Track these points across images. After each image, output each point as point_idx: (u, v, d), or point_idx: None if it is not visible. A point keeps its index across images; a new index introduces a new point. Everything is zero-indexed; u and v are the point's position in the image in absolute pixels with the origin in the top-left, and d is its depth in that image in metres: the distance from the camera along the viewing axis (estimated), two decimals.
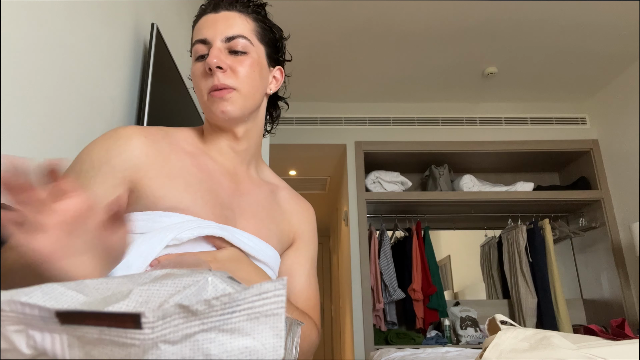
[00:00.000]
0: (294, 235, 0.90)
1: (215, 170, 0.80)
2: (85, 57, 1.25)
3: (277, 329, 0.23)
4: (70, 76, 1.17)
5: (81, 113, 1.23)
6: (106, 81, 1.39)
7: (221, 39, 0.78)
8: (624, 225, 3.21)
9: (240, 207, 0.80)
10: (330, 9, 2.62)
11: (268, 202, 0.86)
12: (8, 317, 0.24)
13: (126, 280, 0.28)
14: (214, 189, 0.77)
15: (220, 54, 0.77)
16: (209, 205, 0.74)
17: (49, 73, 1.07)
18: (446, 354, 1.70)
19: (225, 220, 0.75)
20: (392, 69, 3.22)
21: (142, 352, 0.23)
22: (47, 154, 1.07)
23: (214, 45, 0.78)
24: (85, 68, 1.25)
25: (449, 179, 3.52)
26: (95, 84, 1.31)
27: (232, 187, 0.81)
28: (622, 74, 3.26)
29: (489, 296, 3.67)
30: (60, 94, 1.13)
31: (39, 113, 1.04)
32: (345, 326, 3.92)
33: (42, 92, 1.05)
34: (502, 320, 0.55)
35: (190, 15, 2.31)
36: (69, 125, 1.16)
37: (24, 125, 0.98)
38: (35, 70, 1.02)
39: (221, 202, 0.76)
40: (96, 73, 1.32)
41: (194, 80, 0.81)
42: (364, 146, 3.53)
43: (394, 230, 3.63)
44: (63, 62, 1.14)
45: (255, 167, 0.89)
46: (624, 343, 0.46)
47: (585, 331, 0.60)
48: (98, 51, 1.33)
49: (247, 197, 0.82)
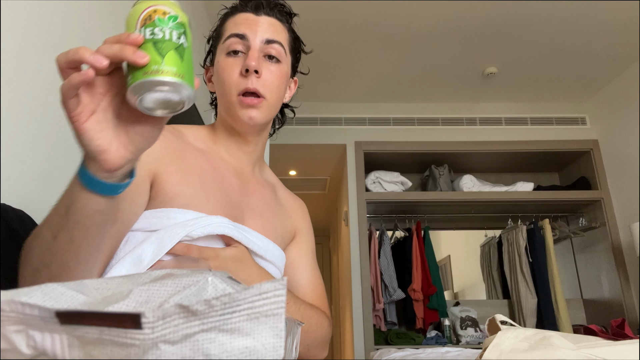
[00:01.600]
0: (295, 231, 0.93)
1: (225, 169, 0.81)
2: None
3: (277, 329, 0.23)
4: None
5: None
6: None
7: (261, 40, 0.79)
8: (624, 225, 3.21)
9: (249, 207, 0.81)
10: (330, 9, 2.61)
11: (272, 201, 0.88)
12: (8, 317, 0.24)
13: (126, 280, 0.28)
14: (224, 187, 0.78)
15: (260, 58, 0.78)
16: (220, 204, 0.75)
17: (49, 73, 1.07)
18: (446, 354, 1.70)
19: (234, 219, 0.76)
20: (392, 69, 3.22)
21: (142, 352, 0.23)
22: (47, 153, 1.07)
23: (253, 45, 0.78)
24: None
25: (449, 179, 3.52)
26: None
27: (240, 187, 0.82)
28: (622, 74, 3.26)
29: (489, 296, 3.67)
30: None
31: (39, 113, 1.04)
32: (345, 326, 3.92)
33: (42, 92, 1.05)
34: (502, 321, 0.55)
35: (190, 15, 2.31)
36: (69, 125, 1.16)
37: (24, 125, 0.98)
38: (35, 70, 1.02)
39: (231, 201, 0.78)
40: None
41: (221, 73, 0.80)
42: (364, 146, 3.53)
43: (394, 230, 3.63)
44: None
45: (259, 168, 0.91)
46: (624, 343, 0.46)
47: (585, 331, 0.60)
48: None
49: (254, 197, 0.84)
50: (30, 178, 1.00)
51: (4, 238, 0.64)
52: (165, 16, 0.47)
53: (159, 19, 0.46)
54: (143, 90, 0.45)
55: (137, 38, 0.44)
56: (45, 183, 1.05)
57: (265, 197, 0.87)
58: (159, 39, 0.45)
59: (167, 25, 0.46)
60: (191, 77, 0.47)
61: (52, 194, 1.08)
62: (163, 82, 0.44)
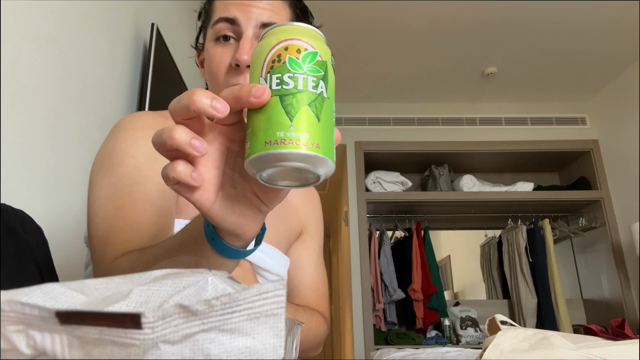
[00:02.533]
0: (301, 229, 0.87)
1: None
2: (86, 57, 1.25)
3: (277, 329, 0.23)
4: (70, 76, 1.17)
5: (81, 113, 1.23)
6: (106, 81, 1.39)
7: (255, 25, 0.65)
8: (624, 226, 3.21)
9: None
10: (331, 9, 2.62)
11: None
12: (8, 317, 0.24)
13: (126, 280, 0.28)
14: None
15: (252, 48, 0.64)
16: None
17: (49, 73, 1.07)
18: (446, 354, 1.70)
19: None
20: (392, 69, 3.22)
21: (142, 352, 0.23)
22: (47, 153, 1.07)
23: (245, 33, 0.65)
24: (85, 68, 1.25)
25: (449, 179, 3.52)
26: (95, 84, 1.31)
27: None
28: (622, 74, 3.26)
29: (489, 296, 3.67)
30: (60, 94, 1.13)
31: (39, 113, 1.04)
32: (345, 326, 3.92)
33: (42, 92, 1.05)
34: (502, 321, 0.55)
35: (190, 15, 2.31)
36: (69, 125, 1.16)
37: (24, 125, 0.98)
38: (35, 70, 1.02)
39: None
40: (96, 73, 1.32)
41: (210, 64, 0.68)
42: (364, 146, 3.53)
43: (394, 230, 3.63)
44: (63, 62, 1.14)
45: None
46: (624, 343, 0.46)
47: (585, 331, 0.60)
48: (98, 51, 1.33)
49: None
50: (30, 178, 1.00)
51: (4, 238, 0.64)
52: (300, 55, 0.35)
53: (291, 61, 0.34)
54: (263, 166, 0.34)
55: (263, 94, 0.33)
56: (45, 183, 1.05)
57: None
58: (287, 91, 0.34)
59: (301, 70, 0.34)
60: (330, 143, 0.35)
61: (52, 194, 1.08)
62: (289, 157, 0.33)
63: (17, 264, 0.61)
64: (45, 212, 1.05)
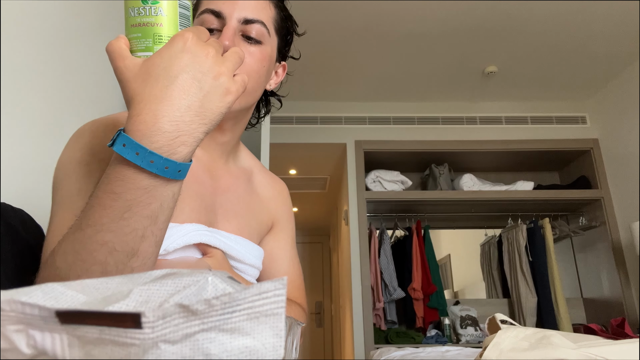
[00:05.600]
0: (272, 222, 0.88)
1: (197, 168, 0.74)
2: (85, 57, 1.25)
3: (277, 329, 0.23)
4: (70, 76, 1.17)
5: (81, 113, 1.23)
6: (106, 81, 1.39)
7: (238, 19, 0.69)
8: (624, 225, 3.21)
9: (223, 207, 0.76)
10: (331, 9, 2.61)
11: (247, 195, 0.83)
12: (8, 317, 0.24)
13: (126, 280, 0.28)
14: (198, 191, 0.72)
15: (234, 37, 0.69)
16: (195, 212, 0.70)
17: (48, 73, 1.07)
18: (446, 353, 1.70)
19: (209, 224, 0.72)
20: (392, 68, 3.22)
21: (142, 352, 0.23)
22: (47, 154, 1.07)
23: (229, 23, 0.69)
24: (85, 68, 1.25)
25: (449, 178, 3.52)
26: (95, 84, 1.31)
27: (213, 186, 0.76)
28: (622, 74, 3.26)
29: (489, 295, 3.67)
30: (60, 94, 1.13)
31: (39, 113, 1.04)
32: (345, 325, 3.93)
33: (42, 92, 1.05)
34: (502, 320, 0.55)
35: None
36: (69, 126, 1.16)
37: (24, 125, 0.98)
38: (35, 70, 1.02)
39: (205, 205, 0.73)
40: (96, 73, 1.32)
41: None
42: (364, 145, 3.53)
43: (394, 230, 3.63)
44: (63, 62, 1.14)
45: (233, 157, 0.84)
46: (624, 342, 0.46)
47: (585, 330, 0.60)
48: (98, 51, 1.33)
49: (227, 195, 0.78)
50: (30, 178, 1.00)
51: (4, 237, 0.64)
52: None
53: None
54: None
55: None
56: (45, 183, 1.05)
57: (239, 191, 0.81)
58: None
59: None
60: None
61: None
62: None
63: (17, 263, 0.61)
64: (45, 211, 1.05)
